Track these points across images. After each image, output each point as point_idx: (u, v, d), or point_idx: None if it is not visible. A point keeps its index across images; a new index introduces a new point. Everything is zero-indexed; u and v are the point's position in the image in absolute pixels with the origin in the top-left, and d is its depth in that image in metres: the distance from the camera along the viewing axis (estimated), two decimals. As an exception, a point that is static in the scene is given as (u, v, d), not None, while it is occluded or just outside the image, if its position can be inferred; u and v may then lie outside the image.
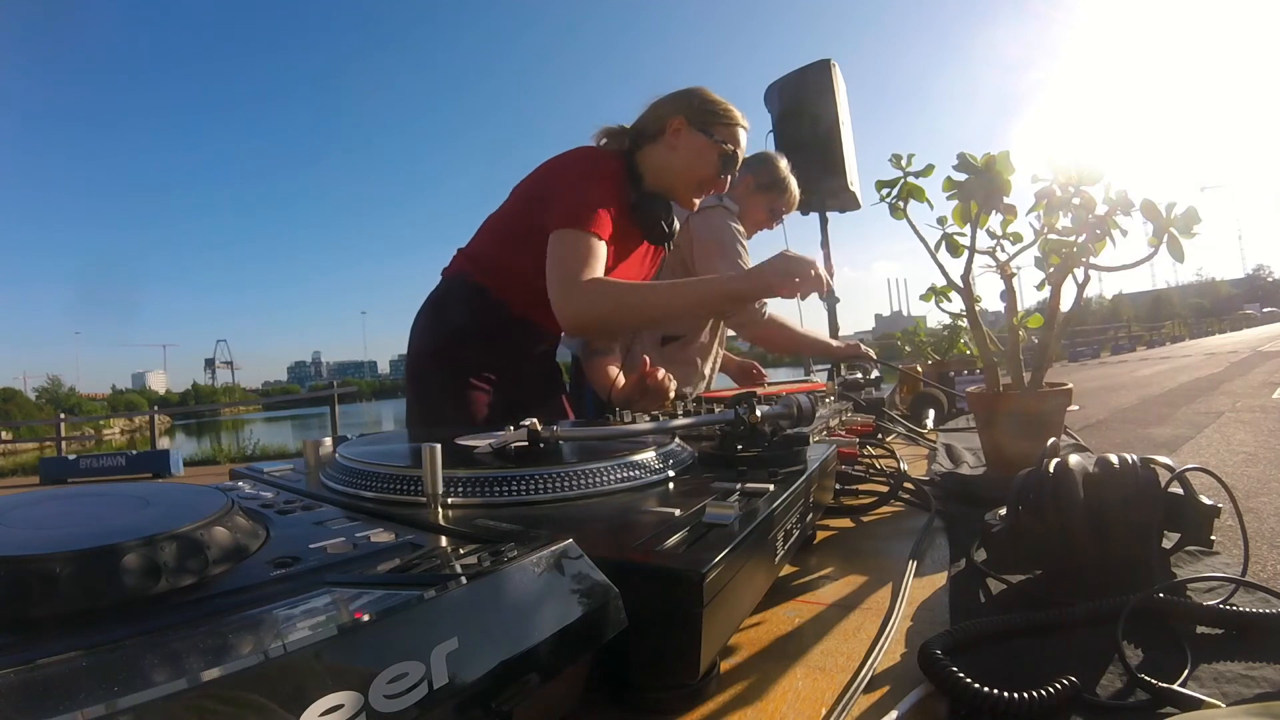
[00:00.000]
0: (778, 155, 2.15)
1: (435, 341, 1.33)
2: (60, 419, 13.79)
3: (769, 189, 2.08)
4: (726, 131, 1.30)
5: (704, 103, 1.31)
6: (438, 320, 1.34)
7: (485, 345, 1.30)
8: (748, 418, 0.67)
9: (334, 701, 0.22)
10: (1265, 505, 2.33)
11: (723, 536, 0.41)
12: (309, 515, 0.45)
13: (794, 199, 2.13)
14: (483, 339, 1.30)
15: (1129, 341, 26.11)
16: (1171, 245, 0.76)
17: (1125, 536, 0.51)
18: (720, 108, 1.31)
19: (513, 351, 1.34)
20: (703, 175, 1.30)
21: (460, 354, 1.31)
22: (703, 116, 1.29)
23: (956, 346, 2.06)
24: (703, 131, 1.29)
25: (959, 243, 0.90)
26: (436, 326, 1.34)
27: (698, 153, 1.29)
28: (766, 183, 2.08)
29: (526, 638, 0.29)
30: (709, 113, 1.30)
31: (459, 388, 1.29)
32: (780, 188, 2.08)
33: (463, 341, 1.31)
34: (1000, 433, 0.89)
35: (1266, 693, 0.36)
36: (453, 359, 1.31)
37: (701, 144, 1.29)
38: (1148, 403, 5.83)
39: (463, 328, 1.30)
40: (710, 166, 1.30)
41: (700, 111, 1.30)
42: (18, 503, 0.37)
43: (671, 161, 1.30)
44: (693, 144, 1.29)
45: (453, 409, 1.28)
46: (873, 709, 0.38)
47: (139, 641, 0.22)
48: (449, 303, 1.34)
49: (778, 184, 2.08)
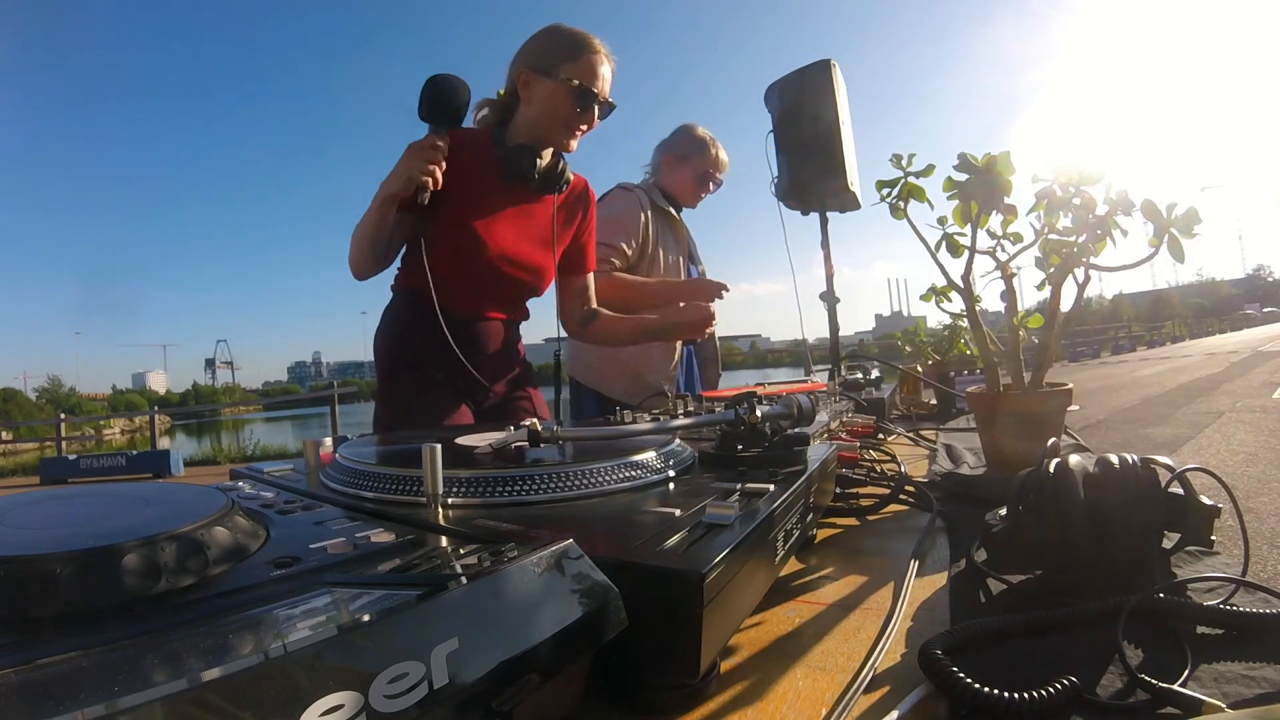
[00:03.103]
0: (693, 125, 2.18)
1: (395, 348, 1.34)
2: (60, 419, 13.80)
3: (688, 157, 2.10)
4: (572, 67, 1.25)
5: (545, 44, 1.28)
6: (398, 327, 1.34)
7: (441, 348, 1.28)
8: (748, 418, 0.67)
9: (334, 701, 0.22)
10: (1265, 505, 2.33)
11: (723, 537, 0.41)
12: (309, 515, 0.45)
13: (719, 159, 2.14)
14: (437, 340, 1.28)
15: (1129, 341, 26.12)
16: (1172, 245, 0.76)
17: (1125, 537, 0.51)
18: (563, 43, 1.27)
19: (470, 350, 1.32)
20: (562, 118, 1.27)
21: (420, 359, 1.30)
22: (544, 61, 1.26)
23: (956, 346, 2.05)
24: (546, 76, 1.25)
25: (959, 243, 0.90)
26: (396, 334, 1.34)
27: (549, 98, 1.26)
28: (684, 152, 2.10)
29: (527, 638, 0.28)
30: (548, 54, 1.26)
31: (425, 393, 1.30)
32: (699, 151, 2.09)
33: (421, 347, 1.29)
34: (1000, 433, 0.89)
35: (1267, 693, 0.36)
36: (414, 364, 1.31)
37: (550, 89, 1.25)
38: (1148, 403, 5.82)
39: (418, 334, 1.28)
40: (565, 107, 1.26)
41: (540, 56, 1.27)
42: (18, 503, 0.37)
43: (530, 115, 1.28)
44: (542, 92, 1.26)
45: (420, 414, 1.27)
46: (873, 709, 0.38)
47: (139, 641, 0.22)
48: (393, 313, 1.35)
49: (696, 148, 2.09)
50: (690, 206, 2.20)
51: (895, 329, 4.89)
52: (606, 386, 2.00)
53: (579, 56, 1.26)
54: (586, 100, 1.26)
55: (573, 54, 1.26)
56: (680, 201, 2.16)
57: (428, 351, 1.28)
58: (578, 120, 1.28)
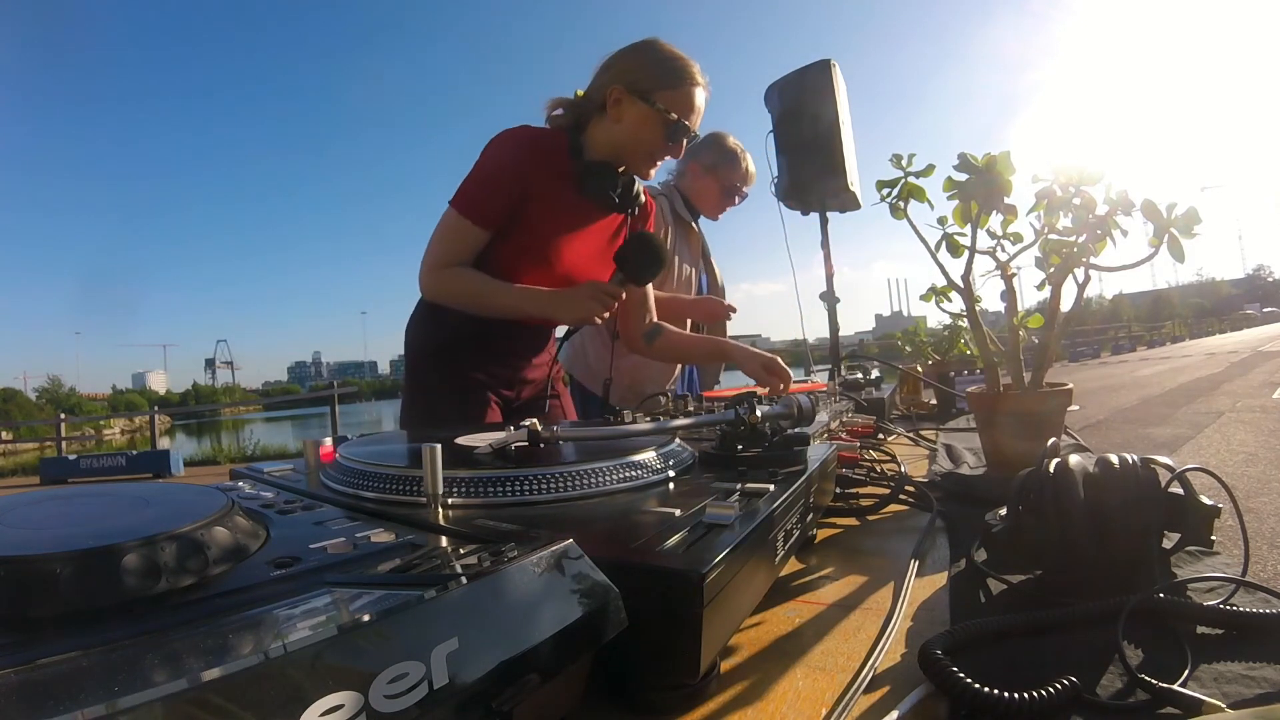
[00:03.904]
0: (724, 134, 2.09)
1: (430, 341, 1.32)
2: (60, 419, 13.80)
3: (715, 168, 2.03)
4: (672, 96, 1.19)
5: (644, 65, 1.20)
6: (433, 320, 1.32)
7: (479, 344, 1.29)
8: (748, 418, 0.67)
9: (334, 702, 0.22)
10: (1265, 505, 2.33)
11: (723, 537, 0.41)
12: (309, 515, 0.45)
13: (748, 172, 2.08)
14: (476, 337, 1.28)
15: (1129, 341, 26.12)
16: (1172, 245, 0.76)
17: (1125, 537, 0.51)
18: (663, 69, 1.20)
19: (506, 347, 1.32)
20: (649, 148, 1.22)
21: (455, 353, 1.30)
22: (642, 83, 1.18)
23: (956, 346, 2.05)
24: (643, 100, 1.18)
25: (959, 243, 0.90)
26: (432, 327, 1.32)
27: (640, 123, 1.19)
28: (711, 162, 2.03)
29: (527, 638, 0.28)
30: (650, 77, 1.19)
31: (457, 387, 1.29)
32: (728, 163, 2.03)
33: (456, 341, 1.29)
34: (1000, 433, 0.89)
35: (1267, 693, 0.36)
36: (449, 358, 1.30)
37: (643, 114, 1.19)
38: (1148, 403, 5.82)
39: (455, 326, 1.28)
40: (655, 138, 1.20)
41: (640, 77, 1.19)
42: (18, 503, 0.37)
43: (615, 135, 1.22)
44: (633, 115, 1.19)
45: (451, 408, 1.27)
46: (873, 709, 0.38)
47: (139, 641, 0.22)
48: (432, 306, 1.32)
49: (725, 159, 2.03)
50: (711, 218, 2.14)
51: (895, 329, 4.88)
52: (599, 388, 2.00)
53: (679, 87, 1.19)
54: (679, 134, 1.21)
55: (673, 82, 1.20)
56: (700, 211, 2.10)
57: (464, 347, 1.28)
58: (665, 152, 1.24)
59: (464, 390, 1.29)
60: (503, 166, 1.19)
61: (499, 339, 1.30)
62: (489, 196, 1.19)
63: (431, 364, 1.31)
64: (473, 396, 1.29)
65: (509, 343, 1.32)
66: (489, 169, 1.19)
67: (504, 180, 1.19)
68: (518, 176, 1.19)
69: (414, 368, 1.34)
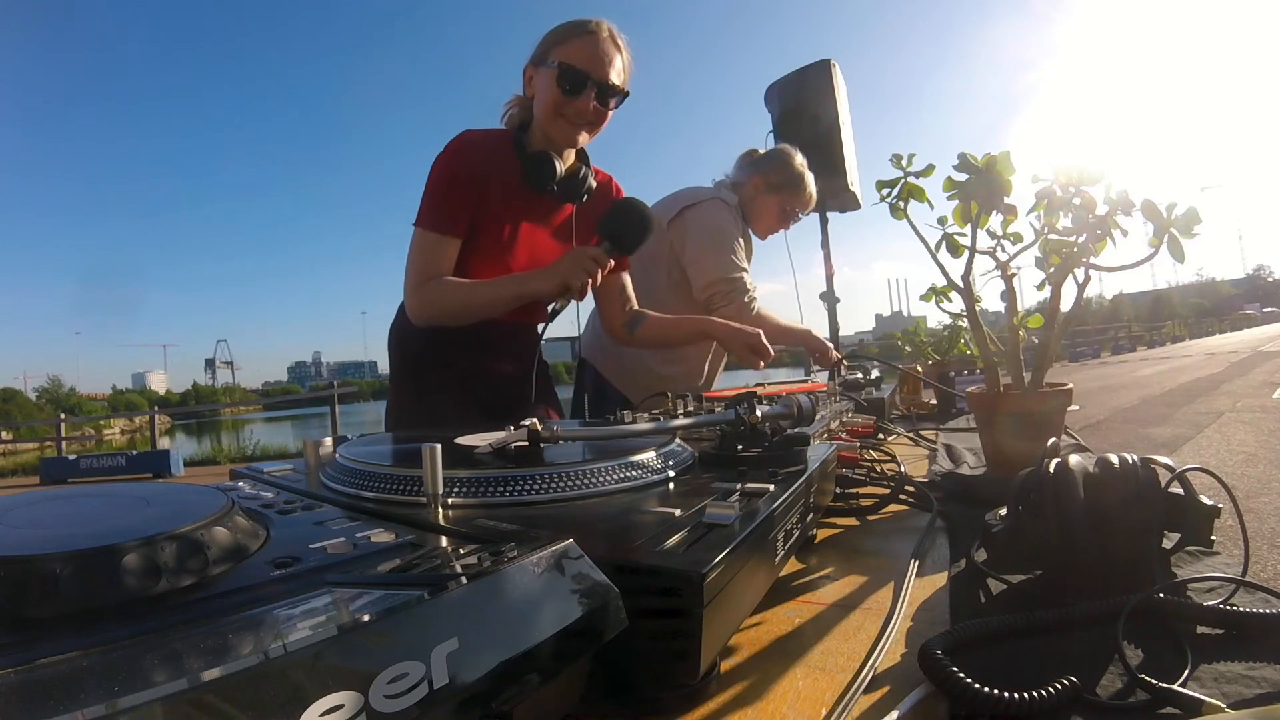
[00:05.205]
0: (792, 150, 1.96)
1: (409, 347, 1.33)
2: (60, 419, 13.81)
3: (780, 189, 1.90)
4: (563, 49, 1.20)
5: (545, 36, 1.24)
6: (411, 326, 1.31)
7: (459, 347, 1.29)
8: (748, 418, 0.67)
9: (334, 702, 0.22)
10: (1265, 505, 2.33)
11: (723, 537, 0.41)
12: (309, 515, 0.45)
13: (810, 199, 1.95)
14: (454, 341, 1.28)
15: (1129, 341, 26.12)
16: (1172, 245, 0.76)
17: (1125, 536, 0.51)
18: (557, 31, 1.22)
19: (486, 347, 1.32)
20: (549, 102, 1.21)
21: (436, 357, 1.30)
22: (541, 50, 1.23)
23: (956, 346, 2.06)
24: (543, 65, 1.22)
25: (959, 243, 0.90)
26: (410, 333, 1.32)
27: (542, 87, 1.22)
28: (777, 182, 1.90)
29: (526, 638, 0.28)
30: (545, 42, 1.22)
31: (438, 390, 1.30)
32: (794, 187, 1.90)
33: (436, 345, 1.29)
34: (1000, 433, 0.89)
35: (1267, 693, 0.36)
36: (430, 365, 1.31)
37: (542, 76, 1.22)
38: (1148, 403, 5.82)
39: (434, 331, 1.27)
40: (551, 90, 1.20)
41: (541, 48, 1.23)
42: (18, 503, 0.37)
43: (535, 111, 1.25)
44: (538, 82, 1.23)
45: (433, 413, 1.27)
46: (873, 709, 0.38)
47: (139, 641, 0.22)
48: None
49: (791, 182, 1.90)
50: (759, 237, 2.01)
51: (895, 329, 4.89)
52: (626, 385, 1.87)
53: (569, 39, 1.21)
54: (573, 81, 1.18)
55: (563, 37, 1.21)
56: (751, 226, 1.98)
57: (445, 351, 1.28)
58: (566, 104, 1.20)
59: (446, 394, 1.30)
60: (454, 173, 1.21)
61: (478, 341, 1.29)
62: (450, 205, 1.21)
63: (413, 369, 1.32)
64: (454, 398, 1.30)
65: (489, 343, 1.32)
66: (443, 179, 1.21)
67: (459, 185, 1.21)
68: (470, 179, 1.21)
69: (396, 374, 1.35)
